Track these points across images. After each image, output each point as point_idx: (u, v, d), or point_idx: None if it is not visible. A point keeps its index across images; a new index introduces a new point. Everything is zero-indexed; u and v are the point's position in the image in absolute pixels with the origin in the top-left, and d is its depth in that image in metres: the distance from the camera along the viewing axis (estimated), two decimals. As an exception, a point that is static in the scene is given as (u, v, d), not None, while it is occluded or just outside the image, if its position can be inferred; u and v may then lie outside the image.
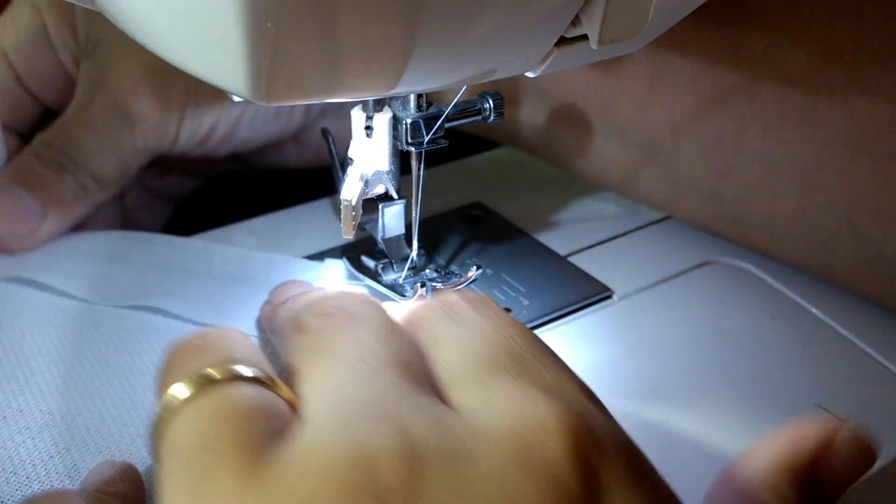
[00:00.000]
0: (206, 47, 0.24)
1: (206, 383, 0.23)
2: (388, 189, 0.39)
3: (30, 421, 0.32)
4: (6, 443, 0.31)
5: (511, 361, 0.26)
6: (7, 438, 0.31)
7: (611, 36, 0.27)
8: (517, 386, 0.24)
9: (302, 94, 0.25)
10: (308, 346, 0.27)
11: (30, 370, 0.34)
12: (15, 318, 0.37)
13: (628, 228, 0.49)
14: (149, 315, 0.38)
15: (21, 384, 0.34)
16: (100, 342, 0.36)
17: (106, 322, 0.37)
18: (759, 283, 0.45)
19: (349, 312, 0.28)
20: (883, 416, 0.37)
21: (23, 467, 0.30)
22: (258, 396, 0.23)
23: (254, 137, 0.49)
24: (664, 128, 0.44)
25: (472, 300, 0.29)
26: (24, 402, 0.33)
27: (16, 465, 0.30)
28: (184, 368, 0.24)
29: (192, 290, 0.40)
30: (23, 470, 0.30)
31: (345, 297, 0.29)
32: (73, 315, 0.38)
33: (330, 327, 0.27)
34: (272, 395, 0.24)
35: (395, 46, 0.24)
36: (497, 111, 0.37)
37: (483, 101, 0.37)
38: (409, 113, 0.36)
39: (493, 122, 0.38)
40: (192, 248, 0.43)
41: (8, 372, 0.34)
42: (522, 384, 0.24)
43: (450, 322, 0.28)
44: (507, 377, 0.25)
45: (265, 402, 0.23)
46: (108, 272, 0.41)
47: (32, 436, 0.32)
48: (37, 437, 0.32)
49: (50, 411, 0.33)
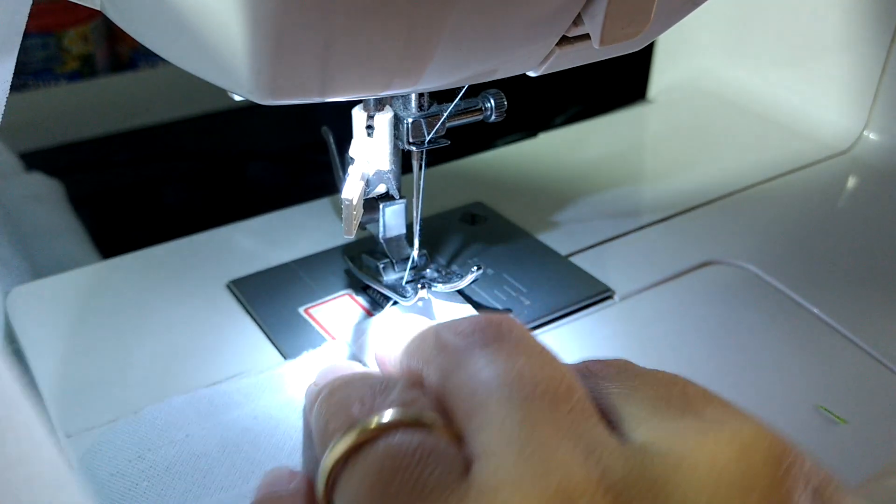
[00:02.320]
0: (207, 47, 0.24)
1: (368, 432, 0.23)
2: (389, 188, 0.39)
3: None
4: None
5: (674, 397, 0.24)
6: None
7: (613, 35, 0.27)
8: (688, 418, 0.23)
9: (302, 93, 0.25)
10: (458, 367, 0.25)
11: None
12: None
13: (628, 228, 0.49)
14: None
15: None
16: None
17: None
18: (759, 283, 0.45)
19: (498, 331, 0.26)
20: (883, 416, 0.37)
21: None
22: (422, 440, 0.23)
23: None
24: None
25: (617, 364, 0.27)
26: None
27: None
28: (341, 419, 0.24)
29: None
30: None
31: (490, 318, 0.27)
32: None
33: (483, 347, 0.25)
34: (434, 435, 0.23)
35: (396, 47, 0.24)
36: (498, 110, 0.37)
37: (484, 101, 0.37)
38: (411, 112, 0.36)
39: (494, 121, 0.37)
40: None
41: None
42: (693, 415, 0.23)
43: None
44: (675, 411, 0.24)
45: (431, 444, 0.23)
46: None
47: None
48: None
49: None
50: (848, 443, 0.35)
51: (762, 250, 0.48)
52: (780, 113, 0.63)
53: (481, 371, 0.24)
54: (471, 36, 0.25)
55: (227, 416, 0.34)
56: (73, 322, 0.41)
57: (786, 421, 0.36)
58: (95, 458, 0.32)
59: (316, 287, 0.43)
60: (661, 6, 0.27)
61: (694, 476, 0.21)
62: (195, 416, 0.34)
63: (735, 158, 0.58)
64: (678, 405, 0.24)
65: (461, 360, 0.25)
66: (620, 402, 0.24)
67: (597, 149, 0.60)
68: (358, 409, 0.25)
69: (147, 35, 0.28)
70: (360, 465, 0.23)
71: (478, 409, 0.23)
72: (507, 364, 0.24)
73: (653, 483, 0.21)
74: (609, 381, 0.25)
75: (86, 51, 0.85)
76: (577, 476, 0.20)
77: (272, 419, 0.34)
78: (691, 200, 0.52)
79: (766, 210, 0.52)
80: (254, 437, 0.33)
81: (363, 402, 0.25)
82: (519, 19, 0.25)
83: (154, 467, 0.31)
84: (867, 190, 0.56)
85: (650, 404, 0.24)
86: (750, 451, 0.21)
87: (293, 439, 0.33)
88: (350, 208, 0.35)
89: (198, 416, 0.34)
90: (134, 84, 0.86)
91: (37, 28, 0.80)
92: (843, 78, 0.59)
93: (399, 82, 0.26)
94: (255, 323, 0.41)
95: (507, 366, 0.24)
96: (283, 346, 0.39)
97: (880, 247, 0.49)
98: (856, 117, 0.59)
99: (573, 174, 0.56)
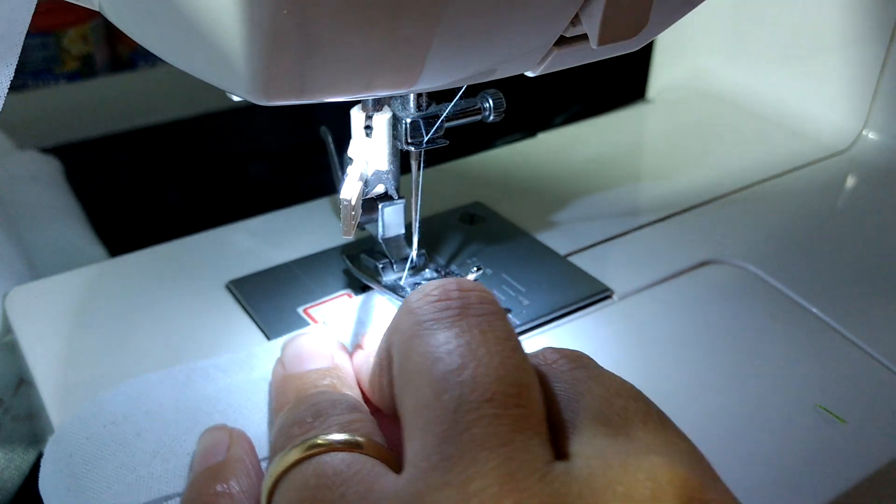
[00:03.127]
0: (205, 47, 0.24)
1: (312, 449, 0.26)
2: (388, 189, 0.39)
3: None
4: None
5: (614, 412, 0.25)
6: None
7: (610, 35, 0.27)
8: (620, 440, 0.24)
9: (300, 93, 0.25)
10: (413, 351, 0.26)
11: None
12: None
13: (628, 228, 0.49)
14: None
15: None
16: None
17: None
18: (759, 283, 0.45)
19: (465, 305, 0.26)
20: (883, 416, 0.37)
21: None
22: (350, 461, 0.25)
23: None
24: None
25: (574, 358, 0.28)
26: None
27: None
28: (285, 438, 0.27)
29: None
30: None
31: (464, 284, 0.27)
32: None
33: (446, 329, 0.26)
34: (361, 457, 0.25)
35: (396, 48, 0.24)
36: (497, 111, 0.37)
37: (483, 101, 0.37)
38: (409, 112, 0.36)
39: (493, 121, 0.37)
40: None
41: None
42: (626, 437, 0.24)
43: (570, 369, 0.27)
44: (611, 428, 0.24)
45: (357, 466, 0.25)
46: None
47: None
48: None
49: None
50: (848, 443, 0.35)
51: (761, 250, 0.48)
52: (779, 112, 0.63)
53: (433, 366, 0.25)
54: (468, 37, 0.25)
55: (202, 389, 0.35)
56: (72, 322, 0.41)
57: (785, 421, 0.36)
58: (73, 424, 0.33)
59: (315, 287, 0.43)
60: (658, 6, 0.27)
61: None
62: (171, 389, 0.35)
63: (734, 158, 0.58)
64: (615, 422, 0.24)
65: (416, 343, 0.26)
66: (565, 406, 0.25)
67: (595, 149, 0.60)
68: (298, 430, 0.27)
69: (145, 35, 0.28)
70: (292, 480, 0.25)
71: (419, 413, 0.24)
72: (462, 360, 0.24)
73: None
74: (559, 381, 0.26)
75: (85, 51, 0.85)
76: (490, 496, 0.21)
77: (244, 393, 0.35)
78: (690, 200, 0.52)
79: (766, 210, 0.52)
80: (224, 408, 0.34)
81: (302, 425, 0.27)
82: (516, 20, 0.25)
83: (125, 433, 0.33)
84: (866, 189, 0.56)
85: (589, 415, 0.24)
86: (662, 493, 0.21)
87: (262, 411, 0.34)
88: (349, 208, 0.35)
89: (173, 388, 0.35)
90: (133, 84, 0.86)
91: (36, 28, 0.81)
92: (842, 77, 0.59)
93: (396, 83, 0.26)
94: (254, 323, 0.41)
95: (461, 362, 0.24)
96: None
97: (880, 246, 0.49)
98: (855, 117, 0.59)
99: (572, 174, 0.56)
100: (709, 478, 0.23)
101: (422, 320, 0.26)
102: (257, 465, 0.31)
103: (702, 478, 0.23)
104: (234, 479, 0.29)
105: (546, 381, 0.26)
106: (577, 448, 0.24)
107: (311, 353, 0.34)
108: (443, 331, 0.25)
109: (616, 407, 0.25)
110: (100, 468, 0.31)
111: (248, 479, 0.29)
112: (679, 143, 0.61)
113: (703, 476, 0.23)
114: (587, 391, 0.25)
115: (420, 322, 0.26)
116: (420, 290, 0.27)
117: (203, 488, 0.29)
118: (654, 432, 0.24)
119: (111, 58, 0.89)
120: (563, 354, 0.27)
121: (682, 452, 0.23)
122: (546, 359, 0.27)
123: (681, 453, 0.23)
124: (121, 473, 0.31)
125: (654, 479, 0.22)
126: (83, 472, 0.31)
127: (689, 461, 0.23)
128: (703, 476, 0.23)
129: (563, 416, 0.25)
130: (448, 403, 0.23)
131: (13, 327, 0.41)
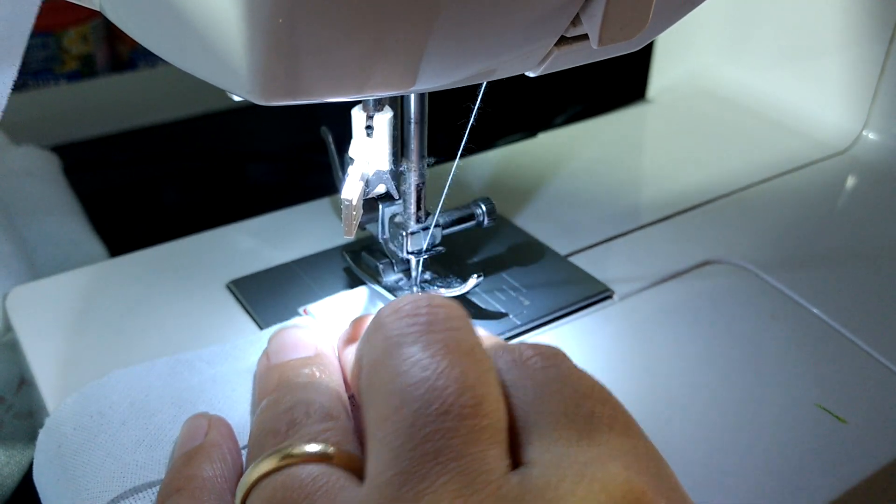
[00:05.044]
0: (205, 47, 0.24)
1: (284, 460, 0.26)
2: (389, 189, 0.39)
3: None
4: None
5: (580, 416, 0.25)
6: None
7: (611, 35, 0.27)
8: (581, 446, 0.24)
9: (301, 94, 0.25)
10: (380, 367, 0.26)
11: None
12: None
13: (628, 228, 0.49)
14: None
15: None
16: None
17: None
18: (759, 283, 0.45)
19: (431, 317, 0.27)
20: (883, 416, 0.37)
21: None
22: (318, 473, 0.25)
23: None
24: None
25: (549, 356, 0.27)
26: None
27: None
28: (259, 448, 0.28)
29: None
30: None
31: (431, 300, 0.28)
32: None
33: (411, 344, 0.26)
34: (329, 468, 0.26)
35: (396, 48, 0.24)
36: (490, 216, 0.41)
37: (476, 207, 0.41)
38: (410, 225, 0.39)
39: (487, 226, 0.41)
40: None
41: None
42: (588, 443, 0.24)
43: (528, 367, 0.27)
44: (573, 433, 0.24)
45: (325, 477, 0.25)
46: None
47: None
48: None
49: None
50: (848, 443, 0.35)
51: (761, 250, 0.48)
52: (779, 112, 0.63)
53: (395, 379, 0.25)
54: (466, 39, 0.25)
55: (187, 380, 0.36)
56: (72, 322, 0.41)
57: (786, 421, 0.36)
58: (62, 415, 0.34)
59: (316, 287, 0.43)
60: (659, 6, 0.27)
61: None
62: (157, 380, 0.36)
63: (734, 158, 0.58)
64: (579, 427, 0.24)
65: (383, 357, 0.26)
66: (530, 409, 0.25)
67: (596, 149, 0.60)
68: (272, 440, 0.28)
69: (145, 35, 0.28)
70: (262, 490, 0.26)
71: (379, 426, 0.24)
72: (423, 374, 0.24)
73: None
74: (529, 379, 0.26)
75: (85, 51, 0.85)
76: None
77: (229, 383, 0.36)
78: (691, 200, 0.52)
79: (765, 209, 0.52)
80: (209, 398, 0.35)
81: (276, 434, 0.28)
82: (517, 20, 0.25)
83: (111, 422, 0.33)
84: (866, 190, 0.56)
85: (553, 419, 0.24)
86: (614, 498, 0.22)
87: (246, 402, 0.35)
88: (350, 208, 0.35)
89: (159, 379, 0.36)
90: (133, 84, 0.85)
91: (36, 28, 0.80)
92: (842, 77, 0.59)
93: (393, 85, 0.26)
94: (254, 323, 0.41)
95: (422, 376, 0.24)
96: (283, 346, 0.39)
97: (880, 246, 0.49)
98: (855, 117, 0.59)
99: (573, 174, 0.56)
100: (666, 487, 0.23)
101: (390, 335, 0.26)
102: (235, 449, 0.31)
103: (658, 488, 0.23)
104: (208, 462, 0.29)
105: (515, 381, 0.26)
106: (536, 455, 0.24)
107: (296, 342, 0.34)
108: (408, 346, 0.26)
109: (583, 410, 0.25)
110: (87, 457, 0.32)
111: (223, 462, 0.30)
112: (679, 143, 0.61)
113: (660, 486, 0.23)
114: (556, 391, 0.25)
115: (388, 337, 0.26)
116: (392, 305, 0.28)
117: (177, 473, 0.29)
118: (619, 437, 0.24)
119: (111, 58, 0.89)
120: (538, 351, 0.27)
121: (644, 459, 0.23)
122: (521, 355, 0.27)
123: (641, 460, 0.23)
124: (107, 462, 0.32)
125: (607, 492, 0.22)
126: (72, 461, 0.32)
127: (649, 469, 0.23)
128: (660, 486, 0.23)
129: (529, 419, 0.25)
130: (406, 417, 0.23)
131: (14, 327, 0.41)
